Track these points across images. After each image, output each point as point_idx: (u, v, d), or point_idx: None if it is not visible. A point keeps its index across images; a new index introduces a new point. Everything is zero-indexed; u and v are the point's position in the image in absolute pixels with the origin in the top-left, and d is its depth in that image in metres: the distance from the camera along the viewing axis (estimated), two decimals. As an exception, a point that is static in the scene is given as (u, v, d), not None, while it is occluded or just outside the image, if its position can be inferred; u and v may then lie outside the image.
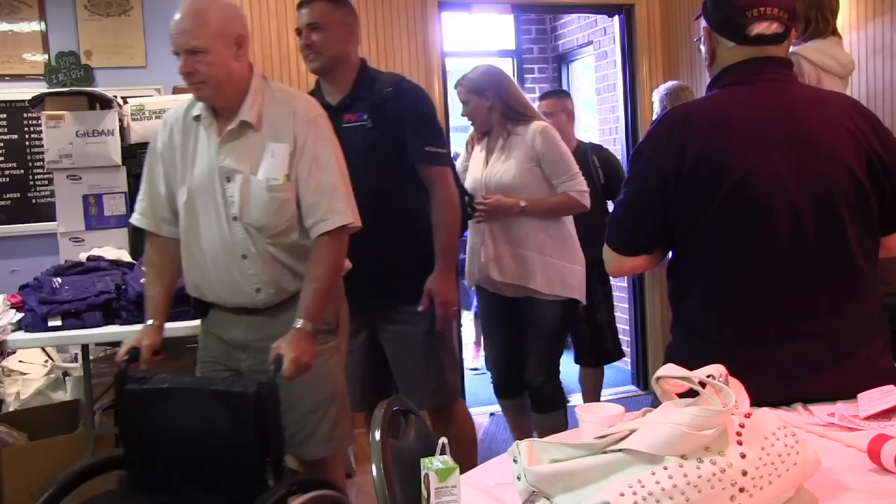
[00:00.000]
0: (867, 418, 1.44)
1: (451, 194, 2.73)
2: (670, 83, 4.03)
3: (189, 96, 2.28)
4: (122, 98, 4.28)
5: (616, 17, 4.89)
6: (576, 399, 4.28)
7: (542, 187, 3.15)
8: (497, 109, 3.17)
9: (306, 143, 2.18)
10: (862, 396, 1.49)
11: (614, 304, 4.55)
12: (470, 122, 3.32)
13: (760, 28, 1.63)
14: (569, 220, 3.24)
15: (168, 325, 2.38)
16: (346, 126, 2.66)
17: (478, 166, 3.28)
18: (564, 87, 6.55)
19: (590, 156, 3.86)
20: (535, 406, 3.26)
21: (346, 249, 2.25)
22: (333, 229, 2.17)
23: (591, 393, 4.12)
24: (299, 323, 2.13)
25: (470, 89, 3.21)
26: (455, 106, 3.62)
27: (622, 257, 1.75)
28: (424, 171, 2.70)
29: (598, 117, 5.78)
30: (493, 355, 3.43)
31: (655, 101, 3.98)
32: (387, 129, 2.67)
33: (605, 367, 4.35)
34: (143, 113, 4.58)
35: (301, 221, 2.21)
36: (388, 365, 2.81)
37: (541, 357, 3.20)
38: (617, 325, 4.23)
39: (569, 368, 3.92)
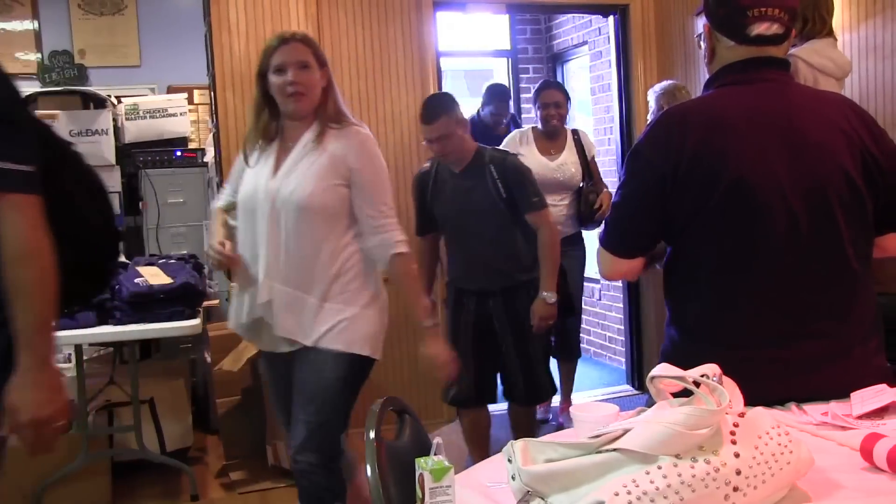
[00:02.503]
0: (860, 417, 1.44)
1: (32, 240, 1.51)
2: (666, 82, 4.03)
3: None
4: (115, 97, 4.28)
5: (611, 18, 4.90)
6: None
7: (346, 216, 2.39)
8: (330, 93, 2.42)
9: None
10: (855, 395, 1.50)
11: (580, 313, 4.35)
12: (290, 100, 2.36)
13: (761, 28, 1.63)
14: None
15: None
16: None
17: (263, 173, 2.39)
18: (559, 87, 6.54)
19: (486, 165, 3.25)
20: (302, 497, 2.48)
21: None
22: None
23: None
24: None
25: (314, 52, 2.39)
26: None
27: (617, 259, 1.74)
28: None
29: (594, 117, 5.79)
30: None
31: (651, 100, 3.98)
32: None
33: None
34: (137, 112, 4.58)
35: None
36: None
37: (310, 428, 2.37)
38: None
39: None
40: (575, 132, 4.33)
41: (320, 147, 2.36)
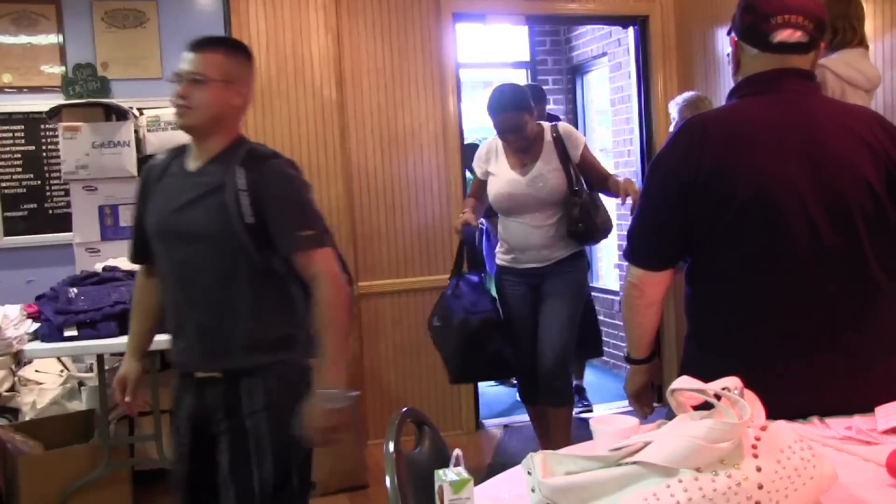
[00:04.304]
0: (885, 432, 1.42)
1: None
2: (688, 93, 4.01)
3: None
4: (137, 109, 4.32)
5: (630, 29, 4.90)
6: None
7: None
8: None
9: None
10: (879, 410, 1.48)
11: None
12: None
13: (783, 35, 1.62)
14: None
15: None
16: None
17: None
18: (579, 98, 6.54)
19: (233, 166, 2.05)
20: None
21: None
22: None
23: None
24: None
25: None
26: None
27: (645, 274, 1.73)
28: None
29: (613, 129, 5.78)
30: None
31: (673, 111, 3.96)
32: None
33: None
34: (159, 124, 4.61)
35: None
36: None
37: None
38: None
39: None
40: (555, 128, 3.43)
41: None
